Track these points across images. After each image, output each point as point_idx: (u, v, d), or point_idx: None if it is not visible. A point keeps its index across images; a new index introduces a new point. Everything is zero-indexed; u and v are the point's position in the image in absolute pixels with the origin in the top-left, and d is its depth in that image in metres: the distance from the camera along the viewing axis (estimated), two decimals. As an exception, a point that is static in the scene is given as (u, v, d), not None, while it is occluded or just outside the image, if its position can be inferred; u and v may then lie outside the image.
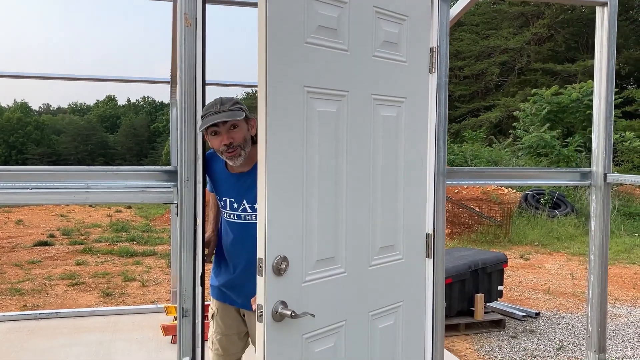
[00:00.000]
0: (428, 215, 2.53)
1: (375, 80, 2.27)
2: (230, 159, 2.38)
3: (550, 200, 13.91)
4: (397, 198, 2.39)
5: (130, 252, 9.99)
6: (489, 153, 18.84)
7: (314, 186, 2.05)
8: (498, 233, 11.71)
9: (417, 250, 2.51)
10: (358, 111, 2.20)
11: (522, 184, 2.99)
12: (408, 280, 2.48)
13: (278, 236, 1.93)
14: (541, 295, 7.24)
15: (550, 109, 18.67)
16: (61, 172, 2.38)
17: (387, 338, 2.40)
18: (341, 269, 2.18)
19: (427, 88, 2.50)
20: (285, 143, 1.94)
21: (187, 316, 2.35)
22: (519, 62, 27.82)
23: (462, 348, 5.24)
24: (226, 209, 2.51)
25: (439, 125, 2.50)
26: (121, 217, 15.81)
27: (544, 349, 5.23)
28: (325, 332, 2.14)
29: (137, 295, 7.17)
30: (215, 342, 2.66)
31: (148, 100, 70.70)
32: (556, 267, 9.12)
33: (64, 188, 2.32)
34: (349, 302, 2.23)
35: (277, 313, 1.93)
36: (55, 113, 72.67)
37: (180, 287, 2.35)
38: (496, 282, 6.03)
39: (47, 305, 6.71)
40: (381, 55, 2.28)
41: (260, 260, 1.89)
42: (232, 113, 2.32)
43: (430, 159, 2.50)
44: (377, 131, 2.29)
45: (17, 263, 9.02)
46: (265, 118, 1.87)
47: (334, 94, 2.10)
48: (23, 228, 13.15)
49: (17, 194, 2.25)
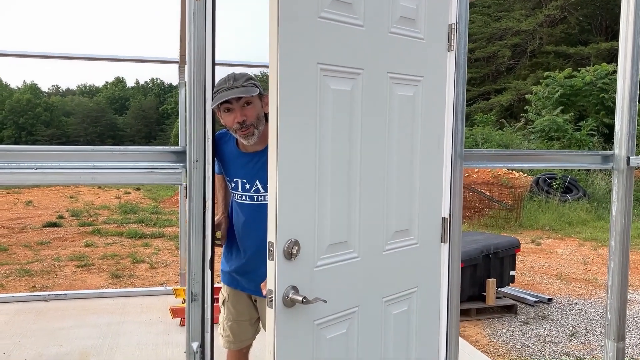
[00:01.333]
0: (444, 199, 2.44)
1: (392, 58, 2.17)
2: (244, 137, 2.30)
3: (562, 184, 13.77)
4: (413, 181, 2.31)
5: (139, 234, 9.99)
6: (500, 137, 18.65)
7: (327, 168, 1.97)
8: (509, 217, 11.61)
9: (432, 234, 2.44)
10: (373, 90, 2.11)
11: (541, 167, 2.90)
12: (423, 266, 2.41)
13: (289, 219, 1.85)
14: (553, 281, 7.16)
15: (563, 92, 18.40)
16: (67, 151, 2.31)
17: (401, 324, 2.34)
18: (354, 253, 2.11)
19: (445, 67, 2.40)
20: (298, 122, 1.85)
21: (196, 300, 2.29)
22: (531, 44, 27.44)
23: (473, 333, 5.19)
24: (237, 191, 2.43)
25: (457, 105, 2.41)
26: (130, 199, 15.83)
27: (556, 335, 5.17)
28: (338, 318, 2.07)
29: (146, 277, 7.16)
30: (227, 329, 2.60)
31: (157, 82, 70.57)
32: (568, 252, 9.02)
33: (70, 168, 2.25)
34: (362, 287, 2.16)
35: (288, 298, 1.86)
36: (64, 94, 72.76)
37: (189, 271, 2.29)
38: (508, 267, 5.96)
39: (56, 286, 6.72)
40: (398, 32, 2.19)
41: (270, 244, 1.82)
42: (246, 89, 2.24)
43: (447, 140, 2.41)
44: (392, 111, 2.20)
45: (26, 244, 9.04)
46: (277, 96, 1.78)
47: (348, 72, 2.01)
48: (32, 209, 13.19)
49: (21, 174, 2.19)
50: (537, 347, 4.87)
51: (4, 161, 2.20)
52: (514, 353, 4.73)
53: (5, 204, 14.00)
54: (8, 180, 2.16)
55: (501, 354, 4.71)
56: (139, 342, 4.27)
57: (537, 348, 4.84)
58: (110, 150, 2.31)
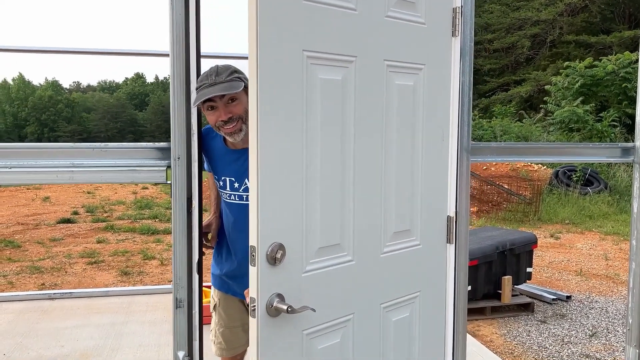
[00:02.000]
0: (450, 196, 2.27)
1: (389, 44, 2.00)
2: (230, 135, 2.14)
3: (582, 177, 13.42)
4: (415, 177, 2.14)
5: (152, 229, 9.93)
6: (519, 128, 18.27)
7: (316, 164, 1.81)
8: (528, 211, 11.34)
9: (436, 235, 2.26)
10: (368, 79, 1.94)
11: (554, 161, 2.71)
12: (426, 269, 2.24)
13: (272, 221, 1.70)
14: (572, 277, 6.92)
15: (584, 82, 17.95)
16: (45, 149, 2.19)
17: (402, 332, 2.17)
18: (348, 257, 1.95)
19: (449, 54, 2.22)
20: (281, 115, 1.69)
21: (182, 307, 2.16)
22: (551, 34, 26.89)
23: (488, 333, 5.00)
24: (226, 189, 2.28)
25: (463, 95, 2.23)
26: (146, 194, 15.81)
27: (575, 335, 4.95)
28: (330, 327, 1.91)
29: (156, 274, 7.08)
30: (218, 335, 2.46)
31: (175, 78, 70.67)
32: (588, 246, 8.75)
33: (47, 167, 2.13)
34: (358, 293, 2.00)
35: (273, 307, 1.71)
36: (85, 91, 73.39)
37: (175, 276, 2.15)
38: (525, 263, 5.74)
39: (64, 284, 6.66)
40: (395, 16, 2.01)
41: (252, 248, 1.67)
42: (229, 85, 2.06)
43: (452, 133, 2.24)
44: (391, 102, 2.02)
45: (39, 241, 9.02)
46: (257, 86, 1.62)
47: (339, 60, 1.84)
48: (49, 205, 13.22)
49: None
50: (555, 347, 4.66)
51: (-24, 160, 2.08)
52: (530, 354, 4.53)
53: (23, 200, 14.07)
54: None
55: (517, 355, 4.51)
56: (142, 343, 4.16)
57: (554, 349, 4.64)
58: (91, 147, 2.18)
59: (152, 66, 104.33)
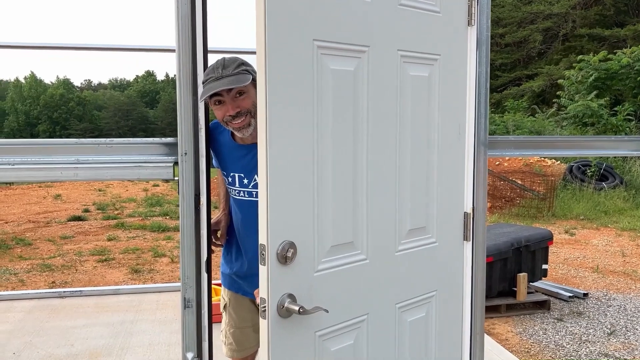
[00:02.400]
0: (466, 192, 2.19)
1: (402, 34, 1.92)
2: (238, 130, 2.06)
3: (597, 171, 13.23)
4: (430, 172, 2.06)
5: (163, 227, 9.90)
6: (532, 123, 18.06)
7: (328, 159, 1.73)
8: (541, 207, 11.18)
9: (453, 232, 2.18)
10: (381, 70, 1.86)
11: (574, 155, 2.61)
12: (442, 267, 2.16)
13: (283, 219, 1.62)
14: (589, 274, 6.79)
15: (598, 76, 17.69)
16: (49, 145, 2.13)
17: (418, 332, 2.10)
18: (362, 255, 1.87)
19: (465, 43, 2.14)
20: (291, 109, 1.62)
21: (190, 307, 2.10)
22: (564, 28, 26.58)
23: (503, 331, 4.90)
24: (234, 186, 2.21)
25: (480, 87, 2.14)
26: (157, 192, 15.81)
27: (593, 333, 4.84)
28: (344, 328, 1.84)
29: (166, 272, 7.04)
30: (229, 336, 2.39)
31: (186, 75, 70.84)
32: (604, 243, 8.60)
33: (51, 163, 2.07)
34: (372, 293, 1.92)
35: (284, 308, 1.64)
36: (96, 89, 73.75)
37: (183, 275, 2.09)
38: (540, 260, 5.63)
39: (75, 282, 6.64)
40: (409, 4, 1.93)
41: (262, 247, 1.60)
42: (236, 78, 1.98)
43: (469, 126, 2.15)
44: (404, 94, 1.94)
45: (50, 238, 9.02)
46: (265, 78, 1.55)
47: (351, 49, 1.77)
48: (60, 203, 13.25)
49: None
50: (573, 346, 4.56)
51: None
52: (547, 353, 4.43)
53: (35, 198, 14.11)
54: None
55: (533, 354, 4.42)
56: (151, 342, 4.11)
57: (572, 348, 4.53)
58: (96, 142, 2.12)
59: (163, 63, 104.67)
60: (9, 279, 6.74)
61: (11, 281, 6.64)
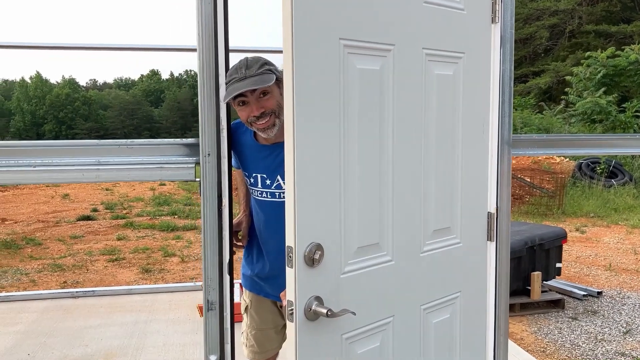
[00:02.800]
0: (490, 192, 2.16)
1: (427, 32, 1.89)
2: (263, 130, 2.03)
3: (607, 169, 13.16)
4: (454, 172, 2.03)
5: (171, 226, 9.90)
6: (540, 120, 17.99)
7: (354, 159, 1.71)
8: (551, 205, 11.13)
9: (477, 232, 2.16)
10: (407, 69, 1.84)
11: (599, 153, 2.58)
12: (466, 268, 2.14)
13: (310, 220, 1.60)
14: (602, 272, 6.75)
15: (606, 73, 17.60)
16: (70, 146, 2.12)
17: (443, 335, 2.07)
18: (387, 256, 1.85)
19: (488, 41, 2.11)
20: (318, 108, 1.59)
21: (214, 309, 2.08)
22: (570, 24, 26.48)
23: (518, 330, 4.87)
24: (257, 187, 2.18)
25: (504, 85, 2.12)
26: (164, 191, 15.83)
27: (609, 332, 4.80)
28: (370, 331, 1.82)
29: (177, 272, 7.04)
30: (250, 338, 2.37)
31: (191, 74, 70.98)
32: (616, 240, 8.55)
33: (72, 165, 2.06)
34: (397, 294, 1.90)
35: (311, 311, 1.62)
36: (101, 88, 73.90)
37: (205, 278, 2.07)
38: (554, 259, 5.60)
39: (86, 281, 6.65)
40: (434, 1, 1.90)
41: (289, 249, 1.58)
42: (260, 78, 1.96)
43: (493, 125, 2.12)
44: (429, 93, 1.92)
45: (60, 238, 9.04)
46: (292, 78, 1.52)
47: (377, 48, 1.74)
48: (68, 202, 13.28)
49: (18, 172, 2.00)
50: (588, 345, 4.53)
51: (1, 158, 2.01)
52: (563, 352, 4.40)
53: (43, 198, 14.15)
54: (3, 179, 1.97)
55: (549, 354, 4.39)
56: (166, 342, 4.11)
57: (588, 347, 4.50)
58: (117, 144, 2.10)
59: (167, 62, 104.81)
60: (21, 279, 6.75)
61: (23, 281, 6.65)
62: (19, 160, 2.04)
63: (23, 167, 2.01)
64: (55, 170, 2.04)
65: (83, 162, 2.05)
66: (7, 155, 2.04)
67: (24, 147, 2.07)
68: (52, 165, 2.04)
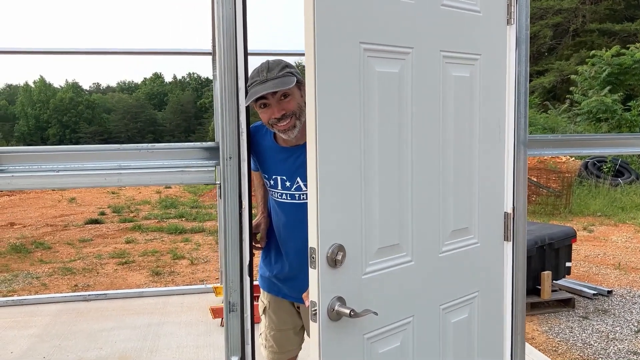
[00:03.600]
0: (507, 192, 2.18)
1: (445, 34, 1.91)
2: (284, 132, 2.06)
3: (613, 168, 13.15)
4: (472, 173, 2.05)
5: (179, 229, 9.94)
6: (545, 120, 17.98)
7: (374, 161, 1.73)
8: (557, 204, 11.13)
9: (494, 232, 2.18)
10: (425, 71, 1.86)
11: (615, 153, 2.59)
12: (484, 268, 2.16)
13: (333, 221, 1.63)
14: (611, 271, 6.75)
15: (611, 71, 17.58)
16: (91, 151, 2.14)
17: (461, 334, 2.09)
18: (407, 257, 1.87)
19: (504, 43, 2.13)
20: (339, 111, 1.62)
21: (235, 311, 2.10)
22: (574, 23, 26.43)
23: (529, 330, 4.88)
24: (277, 189, 2.21)
25: (519, 86, 2.14)
26: (170, 193, 15.89)
27: (620, 331, 4.81)
28: (391, 330, 1.84)
29: (186, 274, 7.07)
30: (269, 339, 2.39)
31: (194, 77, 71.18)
32: (624, 239, 8.55)
33: (94, 169, 2.08)
34: (417, 295, 1.92)
35: (334, 311, 1.64)
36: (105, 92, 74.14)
37: (227, 279, 2.09)
38: (564, 258, 5.60)
39: (97, 285, 6.68)
40: (451, 4, 1.92)
41: (312, 250, 1.60)
42: (281, 81, 1.99)
43: (509, 125, 2.14)
44: (447, 95, 1.94)
45: (69, 242, 9.08)
46: (314, 82, 1.55)
47: (396, 52, 1.77)
48: (75, 206, 13.34)
49: (42, 177, 2.03)
50: (600, 344, 4.53)
51: (24, 164, 2.04)
52: (575, 351, 4.41)
53: (50, 202, 14.22)
54: (27, 184, 2.00)
55: (561, 353, 4.40)
56: (179, 345, 4.14)
57: (600, 346, 4.51)
58: (138, 148, 2.13)
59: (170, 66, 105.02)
60: (32, 282, 6.79)
61: (34, 285, 6.69)
62: (41, 165, 2.07)
63: (47, 172, 2.03)
64: (78, 175, 2.06)
65: (105, 167, 2.08)
66: (30, 160, 2.07)
67: (47, 152, 2.10)
68: (75, 170, 2.07)
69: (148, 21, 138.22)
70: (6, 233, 9.90)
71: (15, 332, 4.40)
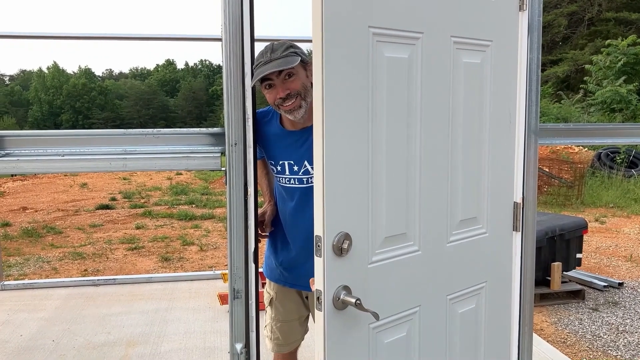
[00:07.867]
0: (516, 181, 2.14)
1: (455, 19, 1.87)
2: (290, 112, 2.03)
3: (626, 159, 13.00)
4: (481, 161, 2.02)
5: (189, 215, 9.97)
6: (558, 109, 17.80)
7: (382, 148, 1.70)
8: (569, 195, 11.03)
9: (502, 222, 2.14)
10: (435, 57, 1.82)
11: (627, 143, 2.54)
12: (492, 258, 2.13)
13: (339, 210, 1.60)
14: (622, 263, 6.69)
15: (627, 61, 17.35)
16: (97, 136, 2.13)
17: (468, 325, 2.07)
18: (414, 246, 1.85)
19: (516, 29, 2.09)
20: (346, 97, 1.59)
21: (239, 298, 2.10)
22: (589, 12, 26.08)
23: (538, 321, 4.85)
24: (284, 174, 2.18)
25: (531, 73, 2.09)
26: (181, 180, 15.94)
27: (630, 323, 4.76)
28: (396, 320, 1.82)
29: (195, 260, 7.09)
30: (275, 331, 2.37)
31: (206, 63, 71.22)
32: (636, 231, 8.46)
33: (99, 154, 2.07)
34: (424, 285, 1.89)
35: (339, 300, 1.62)
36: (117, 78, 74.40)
37: (231, 266, 2.08)
38: (575, 249, 5.55)
39: (106, 270, 6.72)
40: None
41: (318, 238, 1.58)
42: (285, 60, 1.97)
43: (520, 114, 2.10)
44: (457, 82, 1.90)
45: (79, 227, 9.15)
46: (322, 66, 1.52)
47: (405, 37, 1.73)
48: (87, 191, 13.43)
49: (47, 161, 2.02)
50: (610, 337, 4.49)
51: (29, 147, 2.03)
52: (584, 343, 4.37)
53: (62, 187, 14.33)
54: (32, 168, 1.99)
55: (570, 344, 4.36)
56: (187, 330, 4.14)
57: (609, 338, 4.47)
58: (143, 133, 2.12)
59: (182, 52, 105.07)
60: (43, 266, 6.85)
61: (45, 269, 6.75)
62: (47, 150, 2.06)
63: (52, 156, 2.03)
64: (83, 159, 2.05)
65: (110, 152, 2.07)
66: (35, 144, 2.06)
67: (52, 136, 2.09)
68: (80, 154, 2.06)
69: (160, 7, 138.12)
70: (18, 217, 9.99)
71: (26, 315, 4.43)
